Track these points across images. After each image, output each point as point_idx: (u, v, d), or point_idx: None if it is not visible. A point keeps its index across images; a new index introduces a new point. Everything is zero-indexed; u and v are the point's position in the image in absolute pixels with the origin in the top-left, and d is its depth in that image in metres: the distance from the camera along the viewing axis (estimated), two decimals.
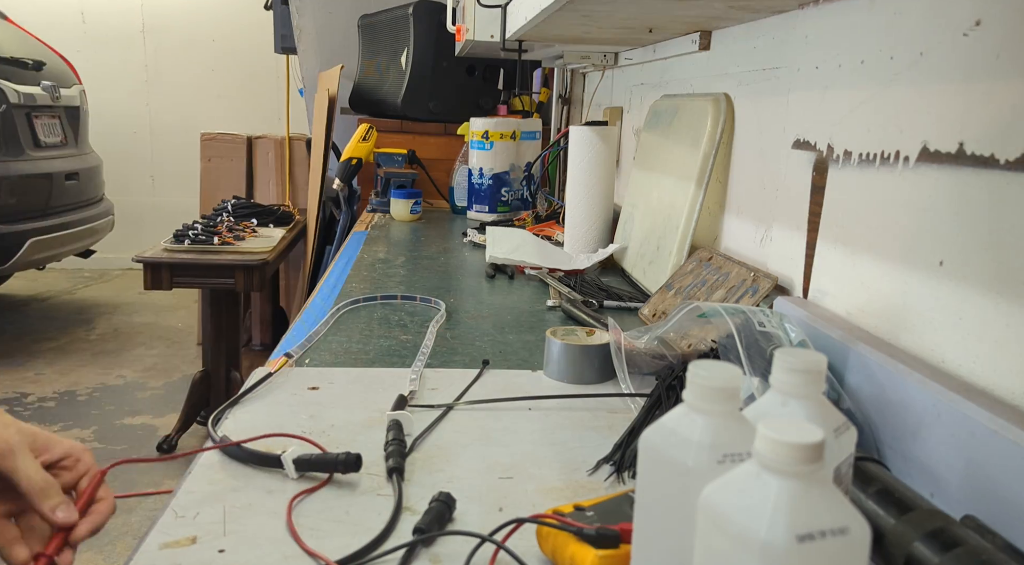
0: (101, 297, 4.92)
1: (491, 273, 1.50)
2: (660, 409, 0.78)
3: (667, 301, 1.16)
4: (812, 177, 0.93)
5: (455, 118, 2.52)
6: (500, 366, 0.99)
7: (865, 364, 0.71)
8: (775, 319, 0.81)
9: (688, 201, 1.24)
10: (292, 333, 1.10)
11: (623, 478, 0.70)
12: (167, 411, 3.13)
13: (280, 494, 0.65)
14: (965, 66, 0.66)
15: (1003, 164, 0.61)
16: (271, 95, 5.05)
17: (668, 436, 0.43)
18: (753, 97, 1.15)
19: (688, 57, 1.43)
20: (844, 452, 0.47)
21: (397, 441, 0.72)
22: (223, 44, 5.37)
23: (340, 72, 2.92)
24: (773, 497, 0.34)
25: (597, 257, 1.56)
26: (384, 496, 0.65)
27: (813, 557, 0.33)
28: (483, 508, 0.64)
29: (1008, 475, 0.53)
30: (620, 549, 0.52)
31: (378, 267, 1.56)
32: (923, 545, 0.49)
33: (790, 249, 0.99)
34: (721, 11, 1.09)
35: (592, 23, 1.31)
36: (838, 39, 0.89)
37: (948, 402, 0.60)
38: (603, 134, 1.63)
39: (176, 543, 0.58)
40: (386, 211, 2.31)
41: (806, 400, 0.45)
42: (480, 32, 1.76)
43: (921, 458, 0.63)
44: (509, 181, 2.18)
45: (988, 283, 0.63)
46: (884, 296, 0.77)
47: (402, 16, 2.55)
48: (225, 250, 2.71)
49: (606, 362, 0.92)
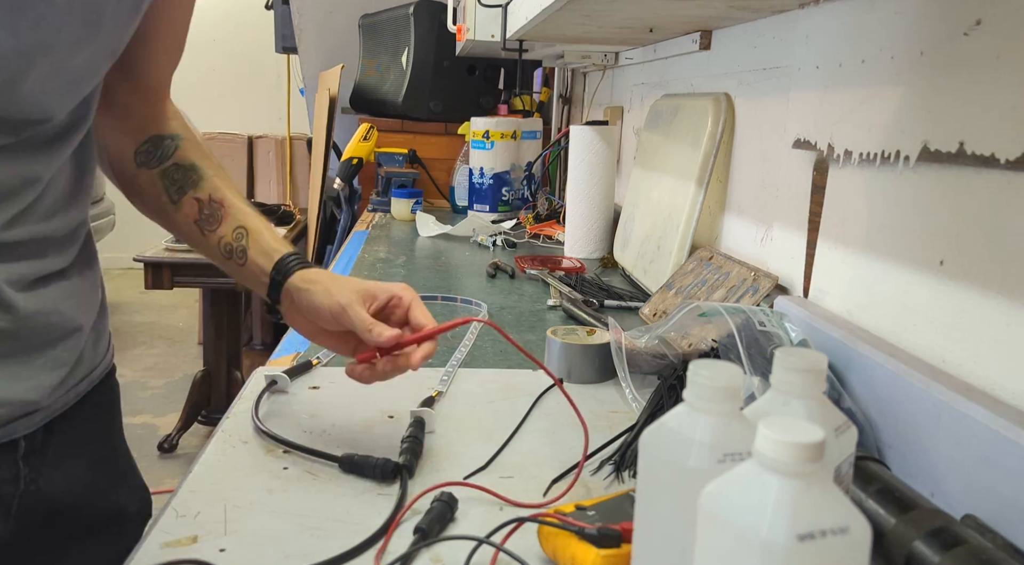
0: None
1: (492, 273, 1.50)
2: (662, 410, 0.78)
3: (668, 301, 1.16)
4: (813, 176, 0.93)
5: (456, 118, 2.52)
6: (500, 366, 0.99)
7: (866, 364, 0.71)
8: (775, 318, 0.81)
9: (689, 200, 1.24)
10: (293, 333, 1.10)
11: (623, 478, 0.70)
12: (168, 410, 3.13)
13: (281, 493, 0.65)
14: (965, 66, 0.66)
15: (1003, 164, 0.61)
16: (272, 95, 5.04)
17: (668, 436, 0.43)
18: (754, 97, 1.15)
19: (689, 57, 1.43)
20: (845, 451, 0.47)
21: (413, 438, 0.72)
22: (223, 44, 5.36)
23: (341, 72, 2.92)
24: (774, 496, 0.34)
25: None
26: (385, 496, 0.65)
27: (814, 556, 0.33)
28: (484, 507, 0.64)
29: (1008, 474, 0.53)
30: (622, 548, 0.52)
31: (379, 267, 1.56)
32: (924, 544, 0.49)
33: (790, 249, 0.99)
34: (722, 11, 1.09)
35: (593, 23, 1.31)
36: (839, 39, 0.89)
37: (948, 402, 0.60)
38: (604, 134, 1.63)
39: (177, 542, 0.58)
40: (387, 211, 2.31)
41: (807, 399, 0.45)
42: (481, 32, 1.76)
43: (921, 457, 0.63)
44: (510, 181, 2.18)
45: (988, 283, 0.63)
46: (884, 295, 0.77)
47: (403, 16, 2.55)
48: None
49: (607, 361, 0.92)
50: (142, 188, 0.79)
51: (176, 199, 0.78)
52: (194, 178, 0.78)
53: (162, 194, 0.78)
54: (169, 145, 0.79)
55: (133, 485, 0.83)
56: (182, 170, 0.78)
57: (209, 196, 0.78)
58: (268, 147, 4.11)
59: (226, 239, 0.77)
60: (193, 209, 0.78)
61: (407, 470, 0.68)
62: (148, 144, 0.79)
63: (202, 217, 0.78)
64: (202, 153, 0.81)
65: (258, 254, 0.76)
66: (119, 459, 0.82)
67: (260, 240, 0.77)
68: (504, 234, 1.86)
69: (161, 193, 0.78)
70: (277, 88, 4.53)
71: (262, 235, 0.78)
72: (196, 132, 0.83)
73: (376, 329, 0.69)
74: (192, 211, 0.78)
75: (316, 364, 0.94)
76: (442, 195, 2.56)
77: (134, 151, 0.78)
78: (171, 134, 0.80)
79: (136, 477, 0.85)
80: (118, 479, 0.81)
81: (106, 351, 0.79)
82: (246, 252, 0.77)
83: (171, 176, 0.78)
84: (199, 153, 0.80)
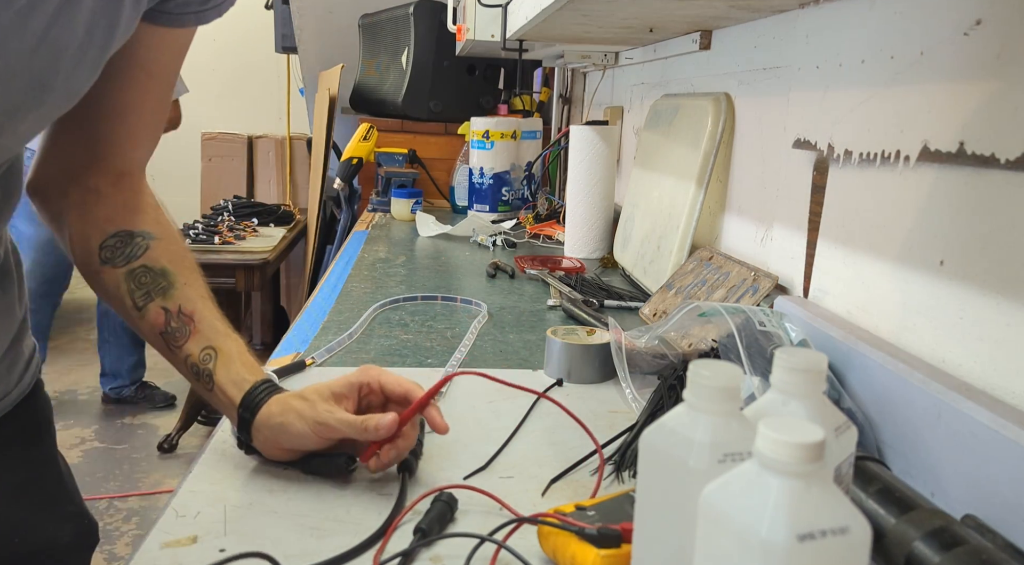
0: None
1: (492, 273, 1.50)
2: (662, 410, 0.78)
3: (668, 300, 1.16)
4: (813, 176, 0.93)
5: (456, 118, 2.52)
6: (500, 365, 0.99)
7: (866, 363, 0.71)
8: (775, 318, 0.81)
9: (689, 200, 1.24)
10: (293, 333, 1.10)
11: (623, 478, 0.70)
12: (168, 411, 3.14)
13: (281, 493, 0.65)
14: (965, 66, 0.66)
15: (1003, 164, 0.61)
16: (272, 95, 5.04)
17: (669, 436, 0.43)
18: (754, 96, 1.15)
19: (689, 56, 1.43)
20: (845, 451, 0.47)
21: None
22: (223, 44, 5.36)
23: (341, 72, 2.92)
24: (774, 496, 0.34)
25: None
26: (385, 496, 0.65)
27: (814, 556, 0.33)
28: (484, 507, 0.64)
29: (1008, 474, 0.53)
30: (621, 548, 0.52)
31: (379, 267, 1.56)
32: (924, 544, 0.49)
33: (790, 248, 0.99)
34: (722, 11, 1.09)
35: (592, 23, 1.31)
36: (839, 38, 0.89)
37: (948, 402, 0.60)
38: (604, 134, 1.63)
39: (177, 542, 0.58)
40: (387, 211, 2.31)
41: (807, 399, 0.45)
42: (481, 32, 1.76)
43: (922, 457, 0.63)
44: (510, 180, 2.18)
45: (988, 283, 0.63)
46: (885, 295, 0.77)
47: (403, 16, 2.55)
48: (226, 249, 2.71)
49: (607, 361, 0.92)
50: (106, 287, 0.71)
51: (141, 305, 0.70)
52: (163, 285, 0.70)
53: (126, 297, 0.70)
54: (139, 244, 0.71)
55: (67, 513, 0.78)
56: (151, 274, 0.70)
57: (179, 308, 0.70)
58: (268, 147, 4.11)
59: (192, 358, 0.69)
60: (159, 319, 0.69)
61: (408, 470, 0.68)
62: (115, 238, 0.71)
63: (168, 330, 0.69)
64: (175, 255, 0.72)
65: (226, 382, 0.68)
66: (47, 486, 0.76)
67: (229, 365, 0.69)
68: (504, 234, 1.86)
69: (125, 296, 0.70)
70: (277, 88, 4.52)
71: (232, 361, 0.69)
72: (173, 227, 0.75)
73: (371, 425, 0.63)
74: (158, 321, 0.69)
75: (310, 364, 0.94)
76: (442, 195, 2.56)
77: (100, 244, 0.71)
78: (142, 232, 0.72)
79: (73, 503, 0.79)
80: (45, 508, 0.75)
81: (22, 374, 0.72)
82: (212, 377, 0.68)
83: (138, 279, 0.70)
84: (172, 255, 0.72)
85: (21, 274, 0.73)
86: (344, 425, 0.64)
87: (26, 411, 0.74)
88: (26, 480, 0.74)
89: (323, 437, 0.65)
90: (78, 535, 0.77)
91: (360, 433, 0.64)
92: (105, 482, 2.58)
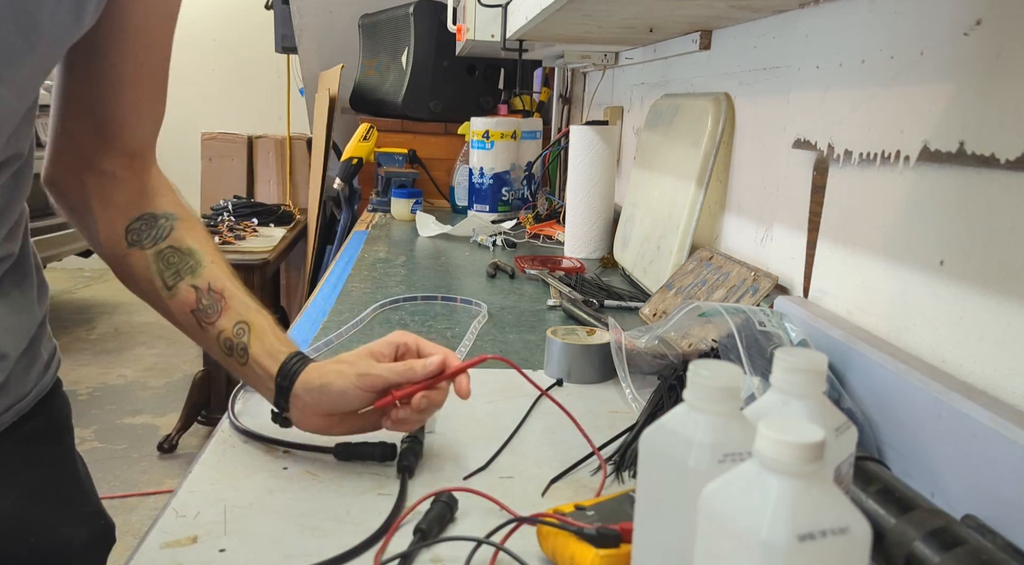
0: (101, 296, 4.93)
1: (492, 273, 1.50)
2: (662, 410, 0.78)
3: (667, 301, 1.16)
4: (812, 176, 0.93)
5: (456, 118, 2.52)
6: (500, 365, 0.99)
7: (866, 364, 0.71)
8: (775, 318, 0.81)
9: (689, 200, 1.24)
10: (293, 333, 1.10)
11: (623, 478, 0.70)
12: (168, 410, 3.14)
13: (281, 493, 0.65)
14: (965, 66, 0.66)
15: (1003, 164, 0.61)
16: (272, 95, 5.04)
17: (668, 436, 0.43)
18: (754, 96, 1.15)
19: (689, 56, 1.43)
20: (845, 451, 0.47)
21: (413, 439, 0.72)
22: (224, 44, 5.36)
23: (341, 72, 2.92)
24: (774, 497, 0.34)
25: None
26: (385, 496, 0.65)
27: (814, 556, 0.33)
28: (484, 508, 0.64)
29: (1008, 475, 0.53)
30: (620, 549, 0.52)
31: (379, 267, 1.56)
32: (924, 544, 0.49)
33: (790, 248, 0.99)
34: (722, 11, 1.09)
35: (593, 23, 1.31)
36: (839, 38, 0.89)
37: (948, 402, 0.60)
38: (604, 134, 1.63)
39: (177, 542, 0.58)
40: (387, 211, 2.31)
41: (807, 399, 0.45)
42: (481, 32, 1.76)
43: (922, 457, 0.63)
44: (510, 180, 2.18)
45: (988, 283, 0.63)
46: (884, 295, 0.77)
47: (403, 16, 2.55)
48: (226, 250, 2.71)
49: (606, 361, 0.92)
50: (134, 270, 0.72)
51: (171, 285, 0.71)
52: (191, 264, 0.72)
53: (156, 279, 0.71)
54: (164, 225, 0.73)
55: (83, 513, 0.78)
56: (178, 254, 0.72)
57: (208, 285, 0.72)
58: (268, 147, 4.11)
59: (226, 334, 0.70)
60: (190, 297, 0.71)
61: (407, 470, 0.68)
62: (140, 221, 0.73)
63: (200, 308, 0.71)
64: (198, 235, 0.74)
65: (262, 354, 0.69)
66: (63, 487, 0.76)
67: (264, 339, 0.70)
68: (504, 234, 1.86)
69: (155, 277, 0.71)
70: (277, 88, 4.52)
71: (265, 334, 0.71)
72: (190, 210, 0.77)
73: (418, 363, 0.66)
74: (189, 299, 0.71)
75: None
76: (442, 195, 2.56)
77: (126, 228, 0.72)
78: (165, 213, 0.73)
79: (89, 504, 0.79)
80: (61, 509, 0.75)
81: (41, 375, 0.73)
82: (247, 350, 0.70)
83: (167, 259, 0.72)
84: (196, 236, 0.74)
85: (42, 276, 0.73)
86: (388, 371, 0.66)
87: (44, 411, 0.74)
88: (43, 480, 0.74)
89: (367, 389, 0.66)
90: (94, 536, 0.77)
91: (408, 374, 0.66)
92: (105, 482, 2.58)
